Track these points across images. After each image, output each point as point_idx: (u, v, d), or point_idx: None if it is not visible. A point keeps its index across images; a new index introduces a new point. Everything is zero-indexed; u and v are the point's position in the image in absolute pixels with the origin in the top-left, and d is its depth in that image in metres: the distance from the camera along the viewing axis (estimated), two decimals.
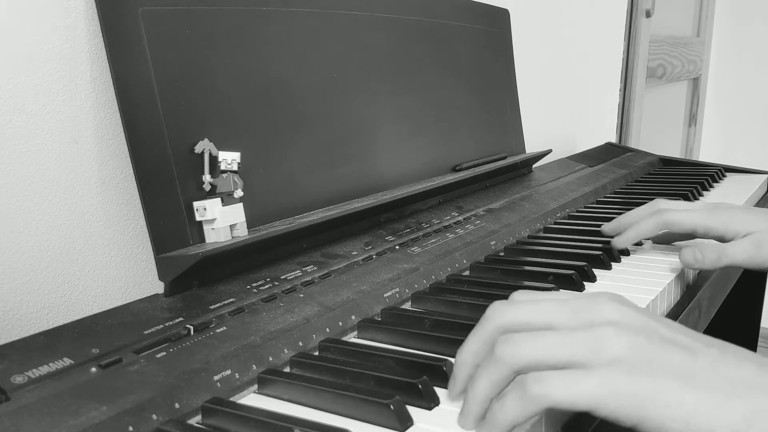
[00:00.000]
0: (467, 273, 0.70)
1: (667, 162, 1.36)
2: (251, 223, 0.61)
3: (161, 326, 0.48)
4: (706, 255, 0.64)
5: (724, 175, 1.24)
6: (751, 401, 0.34)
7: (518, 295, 0.43)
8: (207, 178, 0.58)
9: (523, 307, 0.41)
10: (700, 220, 0.67)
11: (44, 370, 0.41)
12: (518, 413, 0.37)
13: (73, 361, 0.43)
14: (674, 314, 0.63)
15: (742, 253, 0.64)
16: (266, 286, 0.57)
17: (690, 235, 0.71)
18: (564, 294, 0.42)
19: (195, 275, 0.55)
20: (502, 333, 0.40)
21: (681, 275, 0.68)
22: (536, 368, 0.37)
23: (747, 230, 0.65)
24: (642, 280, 0.65)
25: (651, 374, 0.35)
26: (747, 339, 1.29)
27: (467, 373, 0.42)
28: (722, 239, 0.67)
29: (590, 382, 0.35)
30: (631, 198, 1.03)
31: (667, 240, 0.75)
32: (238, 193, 0.59)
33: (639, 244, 0.76)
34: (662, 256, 0.73)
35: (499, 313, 0.41)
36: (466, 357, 0.42)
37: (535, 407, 0.36)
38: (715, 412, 0.34)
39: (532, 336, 0.38)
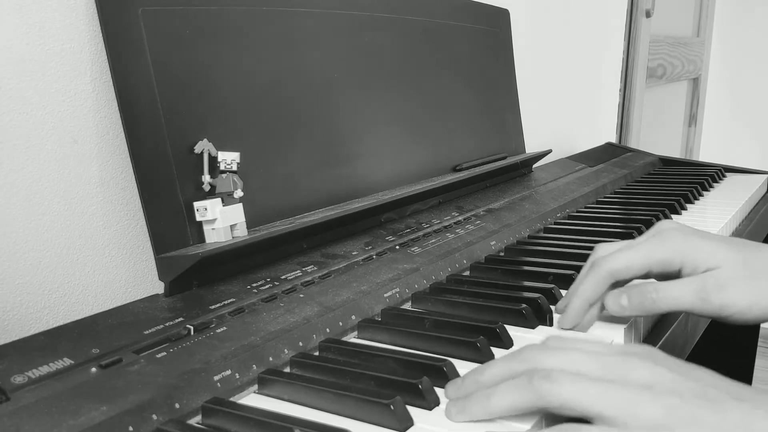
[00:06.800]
0: (467, 273, 0.70)
1: (667, 162, 1.36)
2: (251, 223, 0.61)
3: (161, 326, 0.48)
4: (633, 300, 0.51)
5: (724, 175, 1.24)
6: None
7: (552, 342, 0.43)
8: (206, 178, 0.58)
9: (559, 355, 0.40)
10: (649, 256, 0.52)
11: (44, 370, 0.41)
12: None
13: (73, 361, 0.43)
14: (673, 316, 0.63)
15: (688, 296, 0.50)
16: (266, 286, 0.57)
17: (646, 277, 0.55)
18: (598, 346, 0.42)
19: (195, 275, 0.55)
20: None
21: None
22: (563, 410, 0.37)
23: (708, 264, 0.50)
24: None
25: None
26: (747, 339, 1.29)
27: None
28: (679, 274, 0.52)
29: None
30: (631, 198, 1.03)
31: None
32: (238, 193, 0.59)
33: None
34: None
35: (533, 359, 0.41)
36: (486, 380, 0.41)
37: None
38: None
39: (571, 379, 0.38)
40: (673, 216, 0.92)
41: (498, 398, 0.39)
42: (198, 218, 0.57)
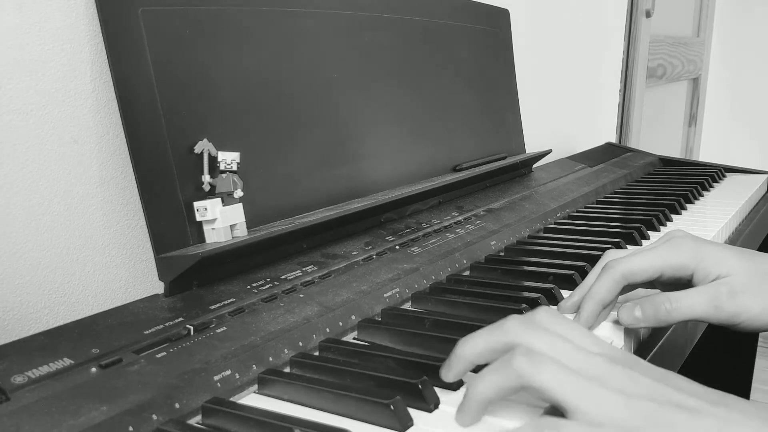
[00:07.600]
0: (467, 273, 0.70)
1: (667, 162, 1.36)
2: (251, 223, 0.61)
3: (161, 326, 0.48)
4: (647, 311, 0.51)
5: (724, 175, 1.24)
6: None
7: (540, 315, 0.42)
8: (206, 178, 0.58)
9: (543, 337, 0.40)
10: (664, 259, 0.53)
11: (44, 370, 0.41)
12: None
13: (73, 361, 0.43)
14: None
15: (702, 305, 0.50)
16: (266, 286, 0.57)
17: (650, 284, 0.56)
18: (581, 338, 0.41)
19: (195, 275, 0.55)
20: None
21: None
22: (542, 395, 0.37)
23: (719, 272, 0.51)
24: None
25: None
26: (747, 339, 1.29)
27: (464, 368, 0.42)
28: (690, 280, 0.53)
29: None
30: (631, 198, 1.03)
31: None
32: (238, 193, 0.59)
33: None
34: None
35: (516, 332, 0.40)
36: (468, 354, 0.41)
37: None
38: None
39: (551, 365, 0.38)
40: (673, 216, 0.92)
41: (484, 383, 0.39)
42: (198, 218, 0.57)
